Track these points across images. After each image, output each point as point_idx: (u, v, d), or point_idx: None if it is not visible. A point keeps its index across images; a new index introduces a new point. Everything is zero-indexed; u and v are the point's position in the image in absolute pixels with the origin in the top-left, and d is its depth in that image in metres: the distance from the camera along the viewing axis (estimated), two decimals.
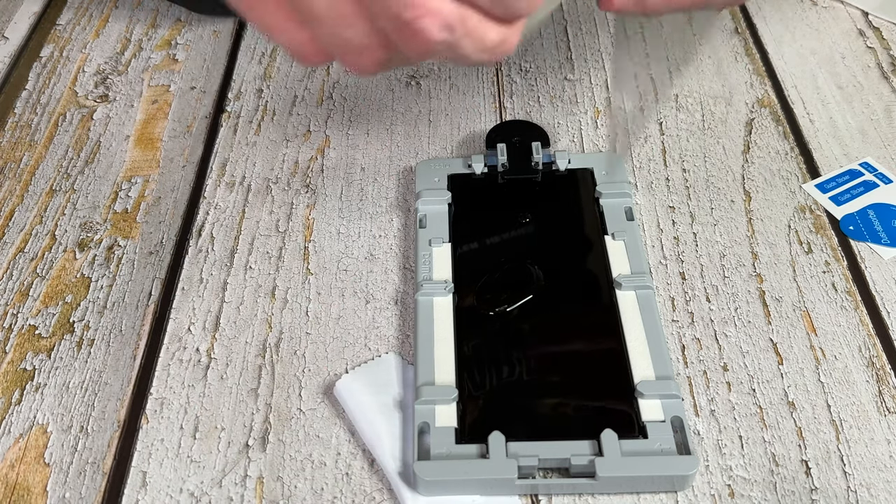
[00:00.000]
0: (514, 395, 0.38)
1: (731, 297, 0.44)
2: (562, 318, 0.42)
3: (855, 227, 0.47)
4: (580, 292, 0.43)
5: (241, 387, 0.41)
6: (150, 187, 0.51)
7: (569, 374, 0.39)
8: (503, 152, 0.49)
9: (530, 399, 0.38)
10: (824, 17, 0.62)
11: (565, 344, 0.41)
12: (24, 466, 0.38)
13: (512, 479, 0.35)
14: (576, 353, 0.40)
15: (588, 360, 0.40)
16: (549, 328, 0.41)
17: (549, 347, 0.40)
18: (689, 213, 0.48)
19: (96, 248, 0.48)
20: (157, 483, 0.38)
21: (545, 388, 0.39)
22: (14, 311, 0.45)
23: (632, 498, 0.36)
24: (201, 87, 0.59)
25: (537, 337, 0.41)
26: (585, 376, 0.39)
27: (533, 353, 0.40)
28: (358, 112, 0.56)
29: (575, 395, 0.38)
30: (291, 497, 0.37)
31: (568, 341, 0.41)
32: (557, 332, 0.41)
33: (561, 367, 0.39)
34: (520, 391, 0.38)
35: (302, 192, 0.50)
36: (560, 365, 0.40)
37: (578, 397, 0.38)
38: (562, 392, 0.38)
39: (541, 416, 0.38)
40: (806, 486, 0.37)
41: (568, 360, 0.40)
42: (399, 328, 0.43)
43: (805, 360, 0.41)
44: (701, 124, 0.54)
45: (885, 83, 0.56)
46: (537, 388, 0.39)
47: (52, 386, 0.41)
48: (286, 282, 0.46)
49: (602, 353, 0.40)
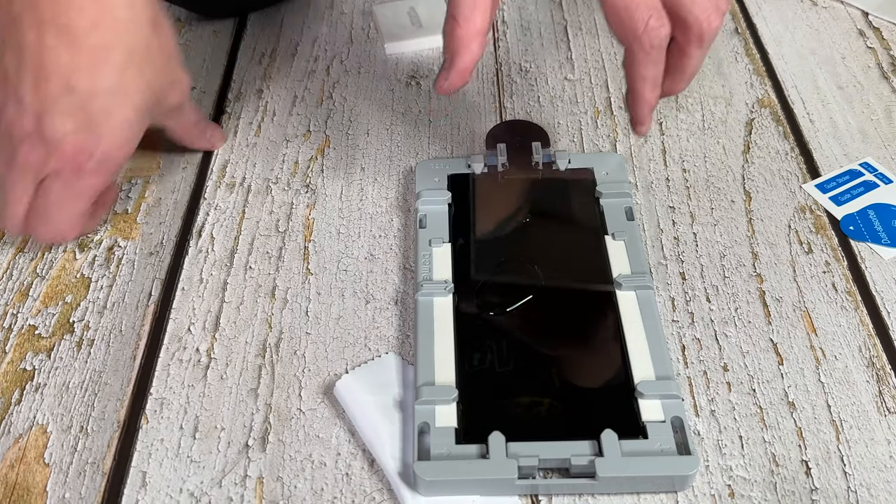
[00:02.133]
0: (514, 396, 0.38)
1: (731, 297, 0.44)
2: (562, 318, 0.42)
3: (855, 227, 0.47)
4: (580, 292, 0.43)
5: (240, 387, 0.41)
6: (151, 188, 0.51)
7: (569, 374, 0.39)
8: (503, 152, 0.49)
9: (530, 399, 0.38)
10: (824, 18, 0.62)
11: (565, 344, 0.41)
12: (23, 466, 0.38)
13: (512, 479, 0.35)
14: (576, 354, 0.40)
15: (588, 361, 0.40)
16: (549, 328, 0.41)
17: (549, 347, 0.40)
18: (689, 213, 0.48)
19: (96, 248, 0.48)
20: (156, 483, 0.38)
21: (545, 388, 0.39)
22: (14, 311, 0.45)
23: (632, 498, 0.36)
24: (201, 88, 0.59)
25: (537, 337, 0.41)
26: (585, 376, 0.39)
27: (533, 353, 0.40)
28: (358, 112, 0.56)
29: (575, 395, 0.38)
30: (291, 497, 0.37)
31: (568, 341, 0.41)
32: (557, 333, 0.41)
33: (561, 368, 0.39)
34: (520, 391, 0.38)
35: (302, 193, 0.50)
36: (560, 365, 0.40)
37: (578, 397, 0.38)
38: (562, 392, 0.38)
39: (541, 416, 0.38)
40: (806, 487, 0.37)
41: (568, 360, 0.40)
42: (399, 328, 0.43)
43: (805, 360, 0.41)
44: (701, 124, 0.54)
45: (885, 83, 0.56)
46: (537, 388, 0.39)
47: (52, 386, 0.41)
48: (286, 282, 0.46)
49: (602, 354, 0.40)
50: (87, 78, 0.41)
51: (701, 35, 0.38)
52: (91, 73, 0.41)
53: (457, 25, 0.39)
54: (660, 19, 0.37)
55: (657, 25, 0.37)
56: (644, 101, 0.40)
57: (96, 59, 0.41)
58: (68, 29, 0.41)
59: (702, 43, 0.38)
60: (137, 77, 0.43)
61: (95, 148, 0.43)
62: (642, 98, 0.40)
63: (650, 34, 0.37)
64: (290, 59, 0.61)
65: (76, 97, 0.41)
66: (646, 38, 0.37)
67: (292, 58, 0.61)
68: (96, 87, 0.42)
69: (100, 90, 0.42)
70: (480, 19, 0.39)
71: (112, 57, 0.42)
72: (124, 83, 0.43)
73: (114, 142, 0.43)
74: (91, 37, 0.41)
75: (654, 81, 0.39)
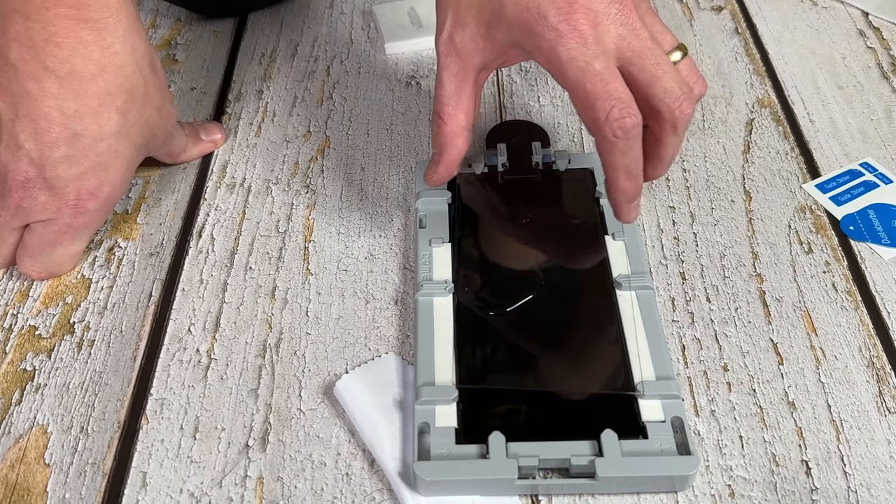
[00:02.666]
0: (514, 396, 0.38)
1: (731, 297, 0.44)
2: (562, 318, 0.42)
3: (855, 227, 0.47)
4: (580, 292, 0.43)
5: (241, 387, 0.41)
6: (151, 189, 0.51)
7: (569, 374, 0.39)
8: (503, 152, 0.49)
9: (530, 399, 0.38)
10: (824, 17, 0.62)
11: (565, 344, 0.41)
12: (24, 467, 0.38)
13: (512, 479, 0.35)
14: (576, 353, 0.40)
15: (588, 360, 0.40)
16: (549, 328, 0.41)
17: (549, 347, 0.40)
18: (689, 213, 0.48)
19: (96, 248, 0.48)
20: (157, 483, 0.38)
21: (545, 388, 0.39)
22: (14, 311, 0.45)
23: (632, 498, 0.36)
24: (201, 88, 0.59)
25: (537, 337, 0.41)
26: (585, 376, 0.39)
27: (533, 353, 0.40)
28: (358, 112, 0.56)
29: (575, 395, 0.38)
30: (291, 497, 0.37)
31: (568, 341, 0.41)
32: (557, 332, 0.41)
33: (561, 367, 0.39)
34: (520, 391, 0.38)
35: (302, 193, 0.50)
36: (560, 365, 0.40)
37: (578, 397, 0.38)
38: (562, 392, 0.38)
39: (541, 416, 0.38)
40: (806, 487, 0.37)
41: (568, 360, 0.40)
42: (399, 328, 0.43)
43: (805, 360, 0.41)
44: (701, 124, 0.54)
45: (885, 83, 0.56)
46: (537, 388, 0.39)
47: (53, 386, 0.41)
48: (286, 282, 0.46)
49: (602, 354, 0.40)
50: (94, 123, 0.42)
51: (675, 123, 0.37)
52: (97, 119, 0.42)
53: (442, 123, 0.41)
54: (623, 109, 0.36)
55: (619, 116, 0.36)
56: (618, 190, 0.39)
57: (102, 104, 0.42)
58: (73, 76, 0.41)
59: (676, 130, 0.38)
60: (138, 118, 0.44)
61: (100, 191, 0.43)
62: (615, 187, 0.39)
63: (612, 124, 0.36)
64: (290, 59, 0.61)
65: (83, 142, 0.42)
66: (608, 128, 0.36)
67: (292, 58, 0.61)
68: (103, 132, 0.42)
69: (106, 134, 0.43)
70: (464, 116, 0.41)
71: (116, 101, 0.42)
72: (127, 125, 0.43)
73: (118, 183, 0.44)
74: (97, 83, 0.42)
75: (627, 170, 0.38)
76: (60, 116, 0.41)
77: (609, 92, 0.36)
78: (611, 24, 0.36)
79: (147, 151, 0.47)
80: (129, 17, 0.42)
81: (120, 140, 0.43)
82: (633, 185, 0.39)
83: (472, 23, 0.39)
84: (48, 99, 0.41)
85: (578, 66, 0.36)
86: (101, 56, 0.41)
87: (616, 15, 0.36)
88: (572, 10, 0.36)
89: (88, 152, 0.42)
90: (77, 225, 0.44)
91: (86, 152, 0.42)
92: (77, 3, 0.40)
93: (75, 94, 0.41)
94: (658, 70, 0.37)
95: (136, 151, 0.45)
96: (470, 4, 0.39)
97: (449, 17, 0.39)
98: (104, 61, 0.41)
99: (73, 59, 0.41)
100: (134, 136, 0.44)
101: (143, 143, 0.45)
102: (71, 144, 0.42)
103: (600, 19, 0.36)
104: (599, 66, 0.36)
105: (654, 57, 0.37)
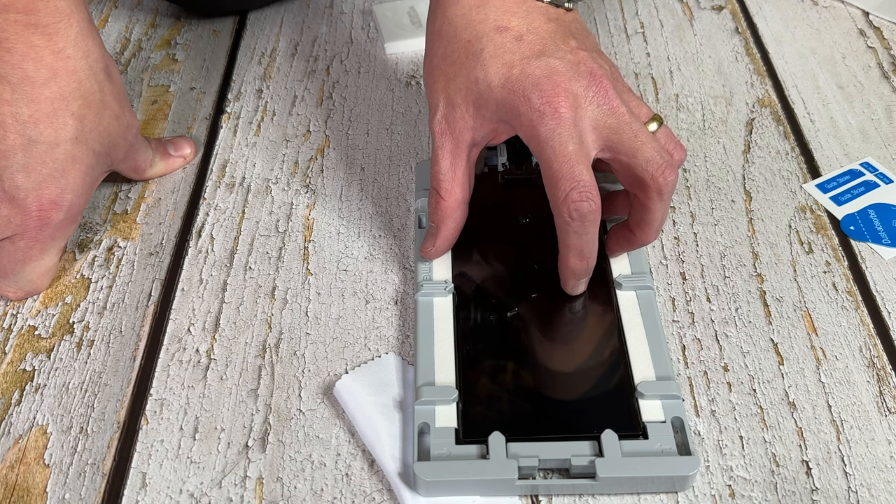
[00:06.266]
0: (514, 396, 0.38)
1: (731, 297, 0.44)
2: (562, 318, 0.42)
3: (855, 227, 0.47)
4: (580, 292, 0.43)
5: (240, 387, 0.41)
6: (150, 188, 0.51)
7: (569, 374, 0.39)
8: (503, 152, 0.49)
9: (530, 399, 0.38)
10: (825, 17, 0.62)
11: (565, 344, 0.41)
12: (23, 467, 0.38)
13: (512, 479, 0.35)
14: (576, 354, 0.40)
15: (588, 361, 0.40)
16: (549, 328, 0.41)
17: (549, 348, 0.40)
18: (689, 213, 0.48)
19: (96, 248, 0.48)
20: (156, 484, 0.38)
21: (545, 388, 0.39)
22: (14, 311, 0.45)
23: (632, 498, 0.36)
24: (201, 88, 0.59)
25: (537, 337, 0.41)
26: (586, 376, 0.39)
27: (533, 353, 0.40)
28: (358, 112, 0.56)
29: (575, 395, 0.38)
30: (291, 498, 0.37)
31: (568, 341, 0.41)
32: (557, 333, 0.41)
33: (561, 368, 0.39)
34: (520, 391, 0.38)
35: (302, 192, 0.50)
36: (560, 365, 0.40)
37: (579, 398, 0.38)
38: (562, 392, 0.38)
39: (541, 416, 0.38)
40: (807, 487, 0.36)
41: (568, 360, 0.40)
42: (399, 328, 0.43)
43: (806, 360, 0.41)
44: (701, 124, 0.54)
45: (885, 83, 0.56)
46: (537, 388, 0.39)
47: (52, 387, 0.41)
48: (286, 282, 0.46)
49: (602, 354, 0.40)
50: (49, 129, 0.42)
51: (659, 190, 0.38)
52: (52, 124, 0.42)
53: (440, 199, 0.42)
54: (582, 193, 0.37)
55: (577, 199, 0.37)
56: (567, 267, 0.40)
57: (57, 109, 0.42)
58: (26, 81, 0.41)
59: (661, 196, 0.39)
60: (96, 124, 0.44)
61: (62, 199, 0.43)
62: (565, 264, 0.40)
63: (569, 206, 0.37)
64: (290, 58, 0.61)
65: (39, 149, 0.41)
66: (564, 209, 0.37)
67: (292, 57, 0.61)
68: (59, 137, 0.42)
69: (62, 139, 0.42)
70: (460, 191, 0.42)
71: (71, 106, 0.42)
72: (84, 131, 0.43)
73: (78, 189, 0.43)
74: (49, 87, 0.41)
75: (579, 251, 0.39)
76: (14, 123, 0.41)
77: (573, 174, 0.37)
78: (589, 105, 0.38)
79: (109, 162, 0.46)
80: (80, 22, 0.42)
81: (77, 146, 0.43)
82: (582, 265, 0.40)
83: (462, 104, 0.41)
84: (1, 105, 0.40)
85: (552, 146, 0.38)
86: (53, 60, 0.41)
87: (594, 97, 0.38)
88: (555, 94, 0.38)
89: (45, 158, 0.42)
90: (44, 238, 0.43)
91: (42, 159, 0.42)
92: (26, 8, 0.40)
93: (28, 99, 0.41)
94: (637, 142, 0.38)
95: (96, 159, 0.44)
96: (459, 88, 0.41)
97: (441, 100, 0.41)
98: (56, 65, 0.41)
99: (23, 63, 0.40)
100: (92, 142, 0.44)
101: (102, 151, 0.45)
102: (27, 151, 0.41)
103: (580, 101, 0.38)
104: (572, 147, 0.37)
105: (631, 130, 0.38)
